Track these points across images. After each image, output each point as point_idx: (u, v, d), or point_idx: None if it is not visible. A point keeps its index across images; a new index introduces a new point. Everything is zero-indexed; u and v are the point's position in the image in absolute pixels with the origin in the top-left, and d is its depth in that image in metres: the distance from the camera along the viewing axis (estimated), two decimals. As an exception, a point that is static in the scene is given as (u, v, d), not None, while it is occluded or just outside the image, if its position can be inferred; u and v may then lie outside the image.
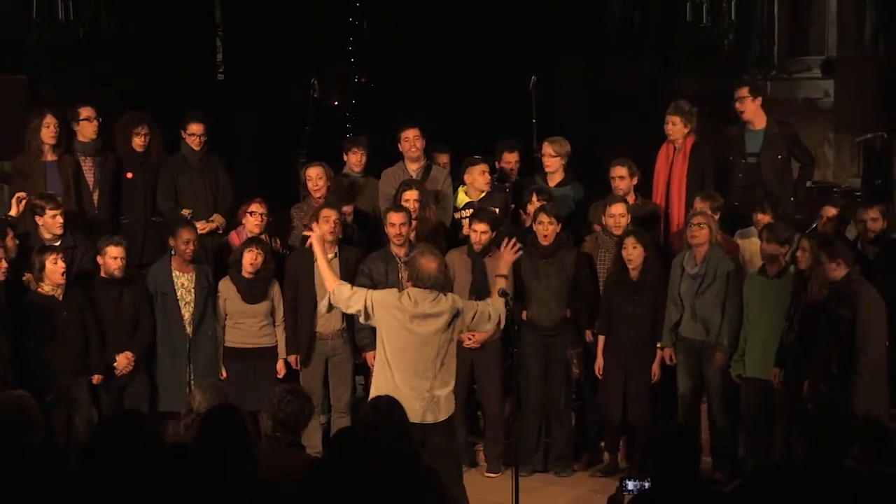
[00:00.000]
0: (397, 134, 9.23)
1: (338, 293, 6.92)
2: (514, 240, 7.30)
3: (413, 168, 9.18)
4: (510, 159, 9.54)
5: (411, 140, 9.15)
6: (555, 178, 9.21)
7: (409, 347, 6.74)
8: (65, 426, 7.84)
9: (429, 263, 6.76)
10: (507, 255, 7.19)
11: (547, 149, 9.20)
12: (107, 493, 4.48)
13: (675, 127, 9.12)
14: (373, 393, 6.76)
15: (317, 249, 7.23)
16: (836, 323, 7.26)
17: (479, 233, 8.27)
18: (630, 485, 5.26)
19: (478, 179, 9.01)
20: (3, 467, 5.14)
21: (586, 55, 14.68)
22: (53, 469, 5.26)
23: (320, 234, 7.24)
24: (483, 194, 9.01)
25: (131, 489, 4.47)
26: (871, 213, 8.10)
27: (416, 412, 6.57)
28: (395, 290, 6.98)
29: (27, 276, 7.93)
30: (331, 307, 7.17)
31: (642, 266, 8.22)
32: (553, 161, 9.17)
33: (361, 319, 7.03)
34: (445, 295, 6.81)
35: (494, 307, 6.96)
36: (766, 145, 9.14)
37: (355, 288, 7.03)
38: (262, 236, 8.61)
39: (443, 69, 15.82)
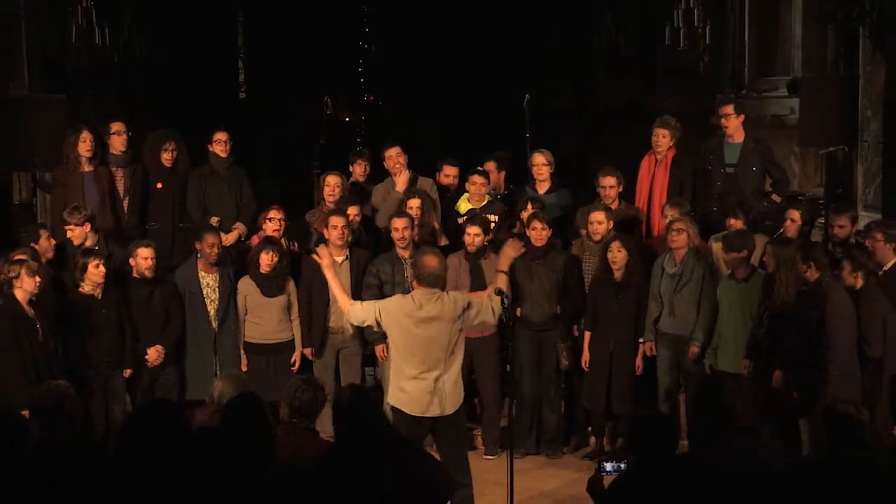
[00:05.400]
0: (381, 154, 9.30)
1: (352, 313, 6.88)
2: (516, 238, 7.28)
3: (400, 181, 9.23)
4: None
5: (394, 157, 9.24)
6: (544, 186, 9.25)
7: (416, 349, 6.69)
8: (103, 414, 7.89)
9: (430, 260, 6.73)
10: (509, 250, 7.05)
11: (539, 159, 9.25)
12: (140, 474, 4.51)
13: (664, 139, 9.17)
14: (390, 387, 6.85)
15: (328, 275, 7.07)
16: (807, 324, 7.23)
17: (472, 235, 8.31)
18: (608, 466, 5.27)
19: (480, 189, 9.08)
20: (46, 453, 5.18)
21: (576, 75, 14.75)
22: (92, 453, 5.31)
23: (329, 262, 7.08)
24: (484, 202, 9.07)
25: (163, 471, 4.50)
26: (841, 220, 8.13)
27: (425, 405, 6.63)
28: (399, 296, 6.96)
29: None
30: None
31: (626, 268, 8.24)
32: (545, 169, 9.22)
33: (374, 328, 7.02)
34: (447, 294, 6.76)
35: (492, 302, 6.88)
36: (743, 158, 9.17)
37: (365, 304, 6.97)
38: (281, 240, 8.67)
39: (446, 88, 15.87)
